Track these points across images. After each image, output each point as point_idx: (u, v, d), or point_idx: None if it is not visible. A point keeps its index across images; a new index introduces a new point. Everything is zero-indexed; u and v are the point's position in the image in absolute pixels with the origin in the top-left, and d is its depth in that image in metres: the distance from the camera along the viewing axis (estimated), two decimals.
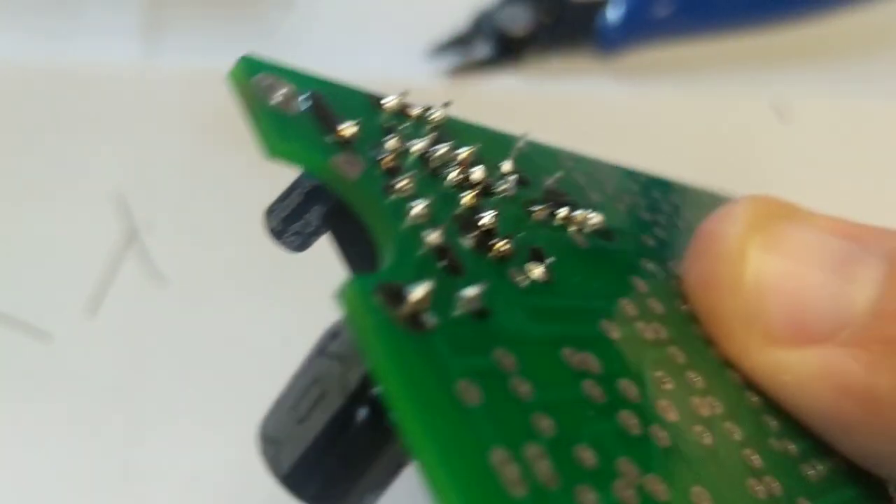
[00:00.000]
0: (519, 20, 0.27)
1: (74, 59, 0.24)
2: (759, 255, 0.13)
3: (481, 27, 0.27)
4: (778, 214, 0.14)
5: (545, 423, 0.09)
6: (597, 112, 0.18)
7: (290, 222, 0.12)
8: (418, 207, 0.10)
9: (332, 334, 0.10)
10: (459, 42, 0.27)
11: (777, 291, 0.13)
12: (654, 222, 0.16)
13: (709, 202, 0.18)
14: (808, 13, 0.29)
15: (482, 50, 0.27)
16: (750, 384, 0.14)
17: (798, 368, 0.13)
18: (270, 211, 0.12)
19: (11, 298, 0.19)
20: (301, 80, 0.11)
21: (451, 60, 0.27)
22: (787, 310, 0.13)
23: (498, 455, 0.08)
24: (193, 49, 0.25)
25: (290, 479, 0.10)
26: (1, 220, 0.20)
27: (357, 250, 0.11)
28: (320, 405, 0.10)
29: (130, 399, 0.18)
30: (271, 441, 0.10)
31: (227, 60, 0.11)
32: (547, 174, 0.14)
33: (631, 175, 0.17)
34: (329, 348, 0.10)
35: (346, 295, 0.08)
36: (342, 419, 0.10)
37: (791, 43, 0.30)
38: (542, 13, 0.27)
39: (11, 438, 0.17)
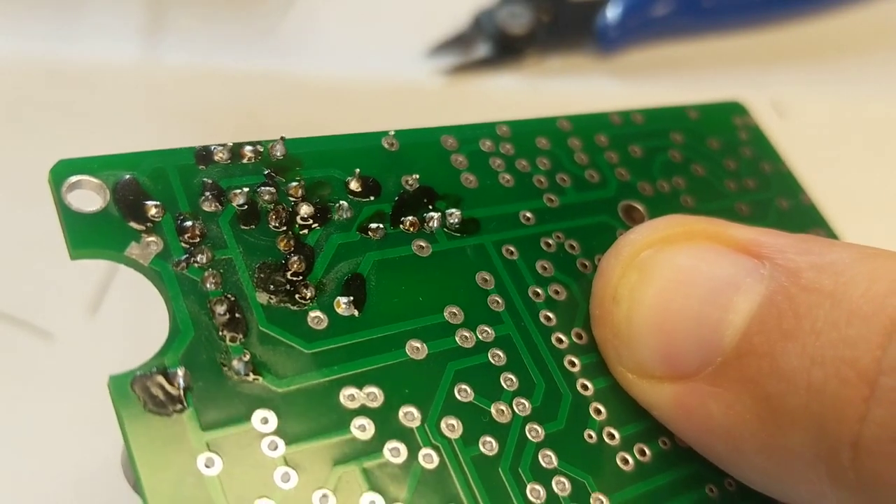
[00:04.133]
0: (518, 19, 0.27)
1: (75, 58, 0.24)
2: (632, 294, 0.13)
3: (481, 26, 0.27)
4: (665, 239, 0.14)
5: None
6: (596, 111, 0.18)
7: None
8: (208, 282, 0.11)
9: None
10: (459, 41, 0.27)
11: (648, 329, 0.13)
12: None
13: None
14: (806, 12, 0.29)
15: (482, 49, 0.27)
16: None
17: (662, 405, 0.13)
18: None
19: (12, 298, 0.19)
20: (116, 165, 0.12)
21: (451, 60, 0.27)
22: (657, 346, 0.13)
23: None
24: (194, 48, 0.25)
25: None
26: (1, 219, 0.20)
27: None
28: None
29: None
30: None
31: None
32: (413, 172, 0.14)
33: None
34: None
35: (108, 387, 0.10)
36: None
37: (789, 42, 0.30)
38: (542, 12, 0.28)
39: (11, 438, 0.17)
